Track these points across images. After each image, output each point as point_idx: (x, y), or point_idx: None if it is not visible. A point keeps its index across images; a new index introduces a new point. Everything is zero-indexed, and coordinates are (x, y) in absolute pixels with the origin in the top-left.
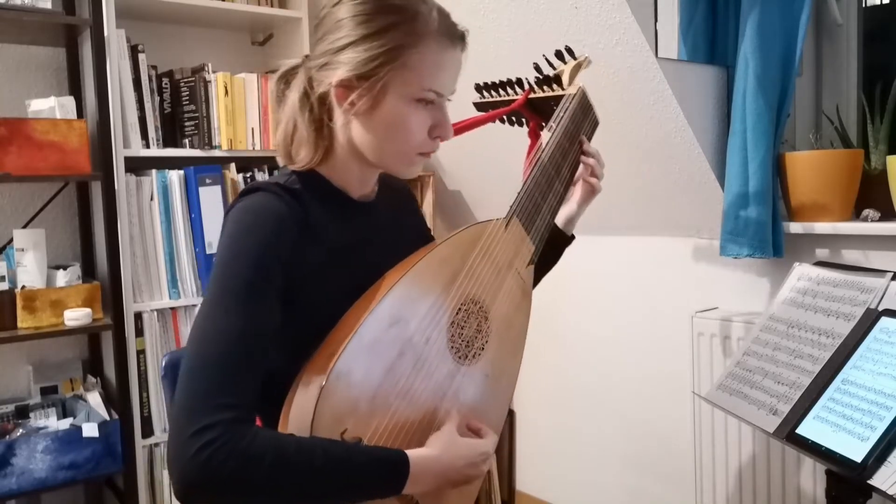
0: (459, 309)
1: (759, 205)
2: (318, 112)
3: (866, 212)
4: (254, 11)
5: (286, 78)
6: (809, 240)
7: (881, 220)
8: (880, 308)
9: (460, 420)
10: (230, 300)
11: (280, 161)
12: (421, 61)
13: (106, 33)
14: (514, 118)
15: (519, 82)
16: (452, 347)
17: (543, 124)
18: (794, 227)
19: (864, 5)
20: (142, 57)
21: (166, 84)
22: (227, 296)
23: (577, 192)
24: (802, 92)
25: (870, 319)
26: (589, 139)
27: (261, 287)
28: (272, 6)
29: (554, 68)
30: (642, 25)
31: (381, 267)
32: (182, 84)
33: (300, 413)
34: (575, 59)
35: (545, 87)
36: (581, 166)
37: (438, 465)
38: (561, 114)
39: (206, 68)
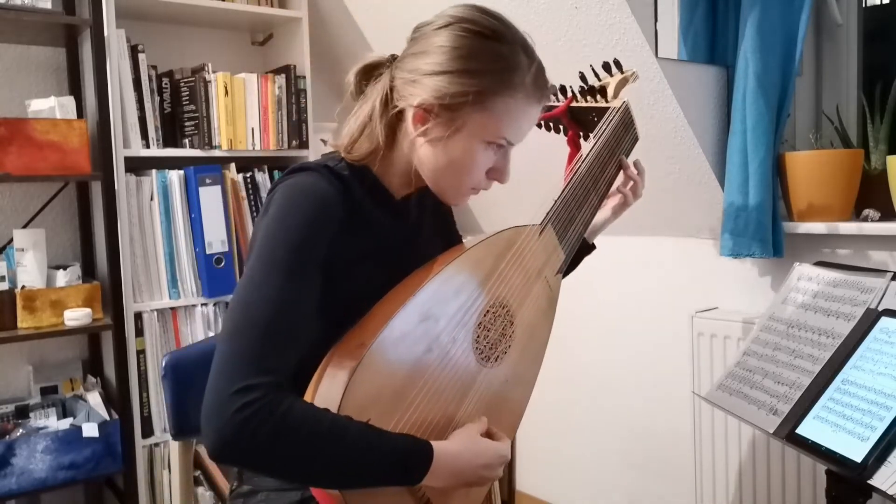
0: (487, 311)
1: (759, 205)
2: (391, 119)
3: (866, 212)
4: (254, 11)
5: (368, 73)
6: (809, 240)
7: (881, 220)
8: (880, 308)
9: (484, 422)
10: (277, 269)
11: (339, 148)
12: (506, 110)
13: (106, 33)
14: (551, 124)
15: (563, 89)
16: (477, 349)
17: (581, 134)
18: (794, 227)
19: (864, 5)
20: (142, 57)
21: (166, 84)
22: (274, 265)
23: (608, 203)
24: (802, 92)
25: (870, 319)
26: (626, 155)
27: (306, 261)
28: (272, 6)
29: (599, 79)
30: (642, 25)
31: (414, 265)
32: (182, 84)
33: (327, 398)
34: (622, 72)
35: (588, 98)
36: (621, 178)
37: (458, 461)
38: (604, 126)
39: (206, 68)
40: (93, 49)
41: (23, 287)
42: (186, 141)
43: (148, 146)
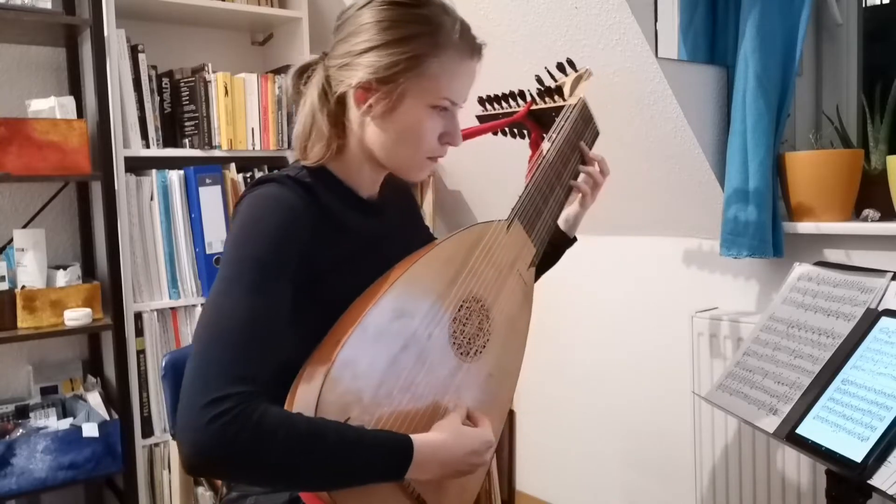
0: (462, 306)
1: (759, 205)
2: (335, 110)
3: (866, 212)
4: (254, 11)
5: (302, 74)
6: (809, 240)
7: (881, 220)
8: (880, 308)
9: (463, 411)
10: (246, 278)
11: (295, 156)
12: (440, 71)
13: (106, 33)
14: (515, 130)
15: (521, 94)
16: (454, 344)
17: (545, 135)
18: (794, 227)
19: (864, 5)
20: (142, 57)
21: (166, 84)
22: (243, 274)
23: (577, 198)
24: (802, 92)
25: (870, 319)
26: (582, 161)
27: (276, 269)
28: (272, 6)
29: (556, 80)
30: (642, 25)
31: (386, 266)
32: (182, 84)
33: (305, 402)
34: (576, 70)
35: (547, 99)
36: (582, 179)
37: (443, 451)
38: (562, 122)
39: (206, 68)
40: (93, 49)
41: (23, 287)
42: (186, 141)
43: (148, 146)
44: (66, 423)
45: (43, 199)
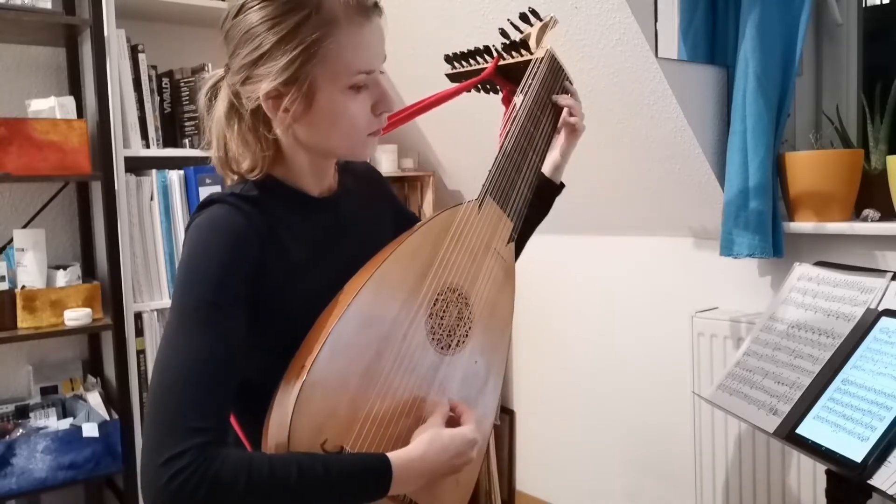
0: (437, 300)
1: (759, 204)
2: (254, 123)
3: (866, 212)
4: None
5: (214, 92)
6: (809, 240)
7: (881, 220)
8: (880, 308)
9: (444, 410)
10: (191, 323)
11: (223, 176)
12: (340, 48)
13: (106, 33)
14: (488, 87)
15: (487, 50)
16: (433, 339)
17: (516, 90)
18: (794, 227)
19: (864, 5)
20: (142, 57)
21: (166, 84)
22: (188, 319)
23: (560, 139)
24: (802, 92)
25: (870, 319)
26: (558, 108)
27: (222, 306)
28: None
29: (521, 32)
30: (642, 25)
31: (358, 261)
32: (182, 84)
33: (278, 428)
34: (541, 20)
35: (513, 53)
36: (563, 112)
37: (423, 463)
38: (529, 80)
39: (206, 68)
40: (93, 49)
41: (23, 287)
42: (186, 141)
43: (148, 146)
44: (66, 423)
45: (43, 199)
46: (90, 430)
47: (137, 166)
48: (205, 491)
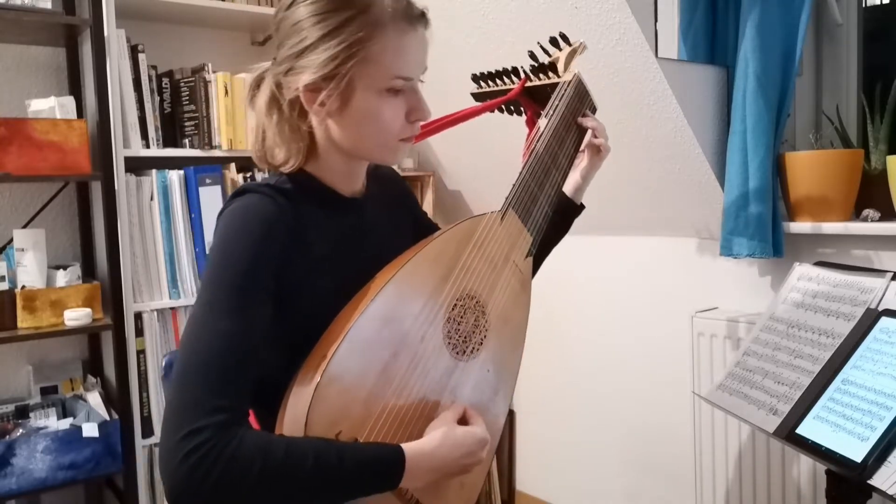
0: (455, 305)
1: (759, 204)
2: (291, 116)
3: (866, 212)
4: (254, 11)
5: (257, 85)
6: (809, 240)
7: (881, 220)
8: (880, 308)
9: (458, 409)
10: (221, 304)
11: (259, 166)
12: (382, 51)
13: (106, 33)
14: (512, 107)
15: (515, 71)
16: (449, 344)
17: (541, 112)
18: (795, 227)
19: (864, 5)
20: (142, 57)
21: (166, 84)
22: (218, 300)
23: (583, 160)
24: (802, 92)
25: (870, 319)
26: (582, 131)
27: (251, 291)
28: (272, 6)
29: (549, 55)
30: (642, 25)
31: (377, 263)
32: (182, 84)
33: (294, 418)
34: (570, 45)
35: (541, 75)
36: (588, 133)
37: (435, 457)
38: (556, 101)
39: (206, 68)
40: (93, 49)
41: (23, 287)
42: (186, 141)
43: (148, 146)
44: (66, 423)
45: (43, 199)
46: (90, 430)
47: (137, 166)
48: (220, 470)
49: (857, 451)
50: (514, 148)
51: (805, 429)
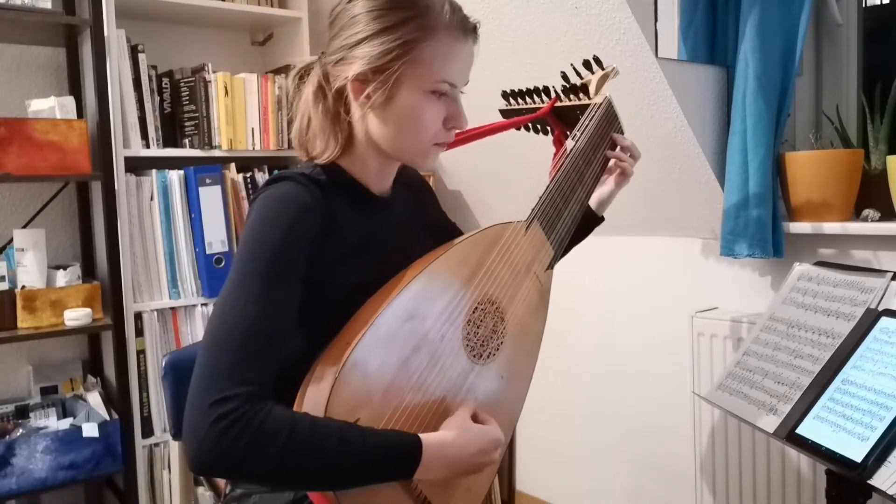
0: (476, 308)
1: (759, 205)
2: (335, 106)
3: (866, 212)
4: (254, 11)
5: (303, 75)
6: (809, 240)
7: (881, 220)
8: (880, 308)
9: (472, 406)
10: (254, 281)
11: (297, 154)
12: (433, 54)
13: (106, 33)
14: (538, 126)
15: (546, 90)
16: (468, 346)
17: (568, 133)
18: (795, 227)
19: (864, 5)
20: (142, 57)
21: (166, 84)
22: (252, 277)
23: (609, 179)
24: (802, 92)
25: (870, 319)
26: (612, 148)
27: (284, 271)
28: (272, 6)
29: (581, 77)
30: (642, 25)
31: (399, 263)
32: (182, 84)
33: (314, 403)
34: (603, 69)
35: (571, 96)
36: (617, 151)
37: (450, 450)
38: (586, 122)
39: (206, 68)
40: (93, 49)
41: (23, 287)
42: (186, 141)
43: (148, 146)
44: (66, 423)
45: (43, 199)
46: (90, 430)
47: (137, 166)
48: (247, 438)
49: (857, 451)
50: (513, 149)
51: (805, 429)
